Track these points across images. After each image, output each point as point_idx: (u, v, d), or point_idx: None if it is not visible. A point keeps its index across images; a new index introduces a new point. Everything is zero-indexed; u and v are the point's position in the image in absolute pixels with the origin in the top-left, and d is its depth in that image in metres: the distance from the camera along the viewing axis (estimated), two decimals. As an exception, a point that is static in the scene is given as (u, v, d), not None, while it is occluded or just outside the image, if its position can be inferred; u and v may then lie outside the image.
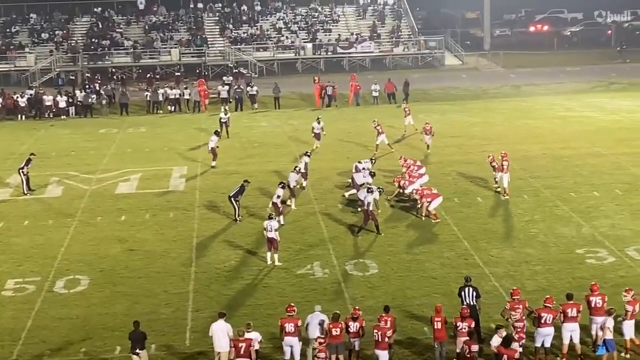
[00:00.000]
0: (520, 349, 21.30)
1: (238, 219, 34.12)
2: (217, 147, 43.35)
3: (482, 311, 23.83)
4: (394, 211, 34.94)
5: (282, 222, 32.61)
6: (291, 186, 35.69)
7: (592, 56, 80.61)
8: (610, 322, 21.87)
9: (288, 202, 35.36)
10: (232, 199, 34.21)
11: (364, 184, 35.21)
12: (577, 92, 62.79)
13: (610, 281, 26.65)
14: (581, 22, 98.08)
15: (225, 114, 50.50)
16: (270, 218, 29.61)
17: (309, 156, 39.14)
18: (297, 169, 36.83)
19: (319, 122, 45.81)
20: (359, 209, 34.30)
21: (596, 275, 26.90)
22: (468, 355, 20.80)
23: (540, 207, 34.97)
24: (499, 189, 36.61)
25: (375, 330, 21.61)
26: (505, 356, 20.41)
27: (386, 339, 21.57)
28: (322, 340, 21.56)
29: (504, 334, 20.87)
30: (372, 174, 36.30)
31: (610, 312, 22.14)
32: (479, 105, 58.87)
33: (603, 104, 57.41)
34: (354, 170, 36.97)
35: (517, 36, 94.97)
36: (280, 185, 33.99)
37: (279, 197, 33.38)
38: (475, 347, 20.99)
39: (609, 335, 21.81)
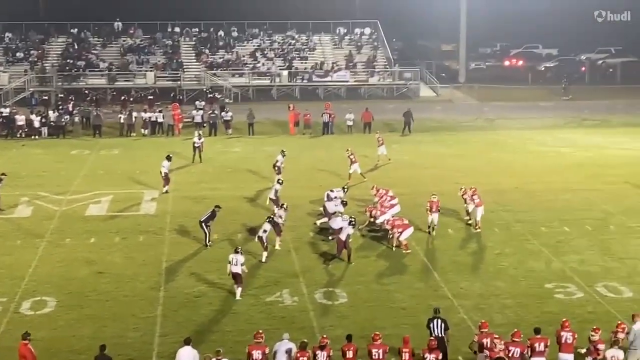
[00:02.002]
0: None
1: (208, 244, 33.97)
2: (170, 171, 43.16)
3: (450, 343, 23.80)
4: (364, 241, 34.93)
5: (263, 260, 32.29)
6: (280, 223, 34.26)
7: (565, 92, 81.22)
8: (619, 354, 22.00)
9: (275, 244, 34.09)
10: (203, 224, 34.06)
11: (335, 212, 35.19)
12: (551, 127, 63.18)
13: (578, 317, 26.71)
14: (556, 58, 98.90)
15: (199, 139, 50.40)
16: (236, 252, 29.06)
17: (280, 183, 38.99)
18: (285, 206, 35.59)
19: (283, 155, 44.76)
20: (330, 238, 34.27)
21: (564, 310, 26.97)
22: None
23: (511, 241, 35.07)
24: (470, 222, 36.69)
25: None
26: None
27: None
28: None
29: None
30: (344, 203, 36.30)
31: (617, 342, 22.22)
32: (452, 138, 59.09)
33: (576, 140, 57.80)
34: (325, 199, 36.91)
35: (492, 70, 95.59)
36: (267, 220, 33.03)
37: (265, 231, 32.35)
38: None
39: None
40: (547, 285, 29.97)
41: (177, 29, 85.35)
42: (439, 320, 23.54)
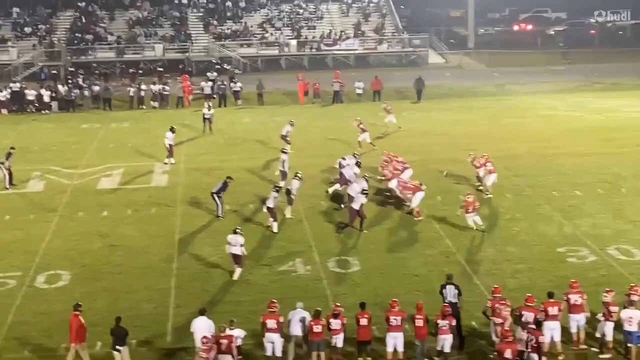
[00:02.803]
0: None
1: (221, 215, 34.04)
2: (175, 144, 43.43)
3: (464, 309, 23.88)
4: (376, 208, 34.94)
5: (275, 231, 32.35)
6: (291, 194, 34.20)
7: (575, 55, 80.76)
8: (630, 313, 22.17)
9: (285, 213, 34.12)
10: (215, 195, 34.11)
11: (352, 179, 35.11)
12: (561, 92, 62.94)
13: (591, 280, 26.74)
14: (565, 22, 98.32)
15: (209, 110, 50.39)
16: (235, 232, 28.27)
17: (285, 153, 38.81)
18: (300, 175, 34.95)
19: (291, 125, 44.76)
20: (343, 206, 34.33)
21: (577, 274, 26.95)
22: (535, 345, 21.03)
23: (522, 206, 35.06)
24: (481, 187, 36.68)
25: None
26: (508, 350, 20.59)
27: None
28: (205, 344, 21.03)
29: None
30: (358, 164, 36.60)
31: (632, 303, 22.43)
32: (462, 104, 58.90)
33: (586, 104, 57.58)
34: (339, 167, 36.95)
35: (501, 35, 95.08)
36: (274, 189, 32.91)
37: (274, 199, 32.25)
38: (542, 338, 21.26)
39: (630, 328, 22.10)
40: (559, 250, 30.00)
41: (184, 1, 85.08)
42: (452, 286, 23.60)
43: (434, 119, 53.45)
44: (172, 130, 43.44)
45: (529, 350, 21.06)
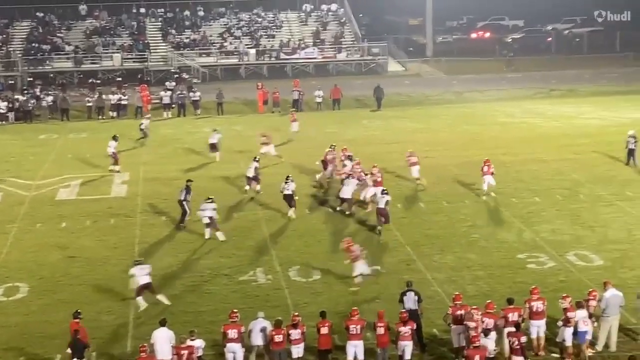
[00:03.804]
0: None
1: (186, 219, 34.03)
2: (118, 151, 43.83)
3: (425, 316, 23.94)
4: (336, 217, 34.97)
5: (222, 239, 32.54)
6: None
7: (532, 63, 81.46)
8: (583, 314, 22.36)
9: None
10: (183, 202, 33.98)
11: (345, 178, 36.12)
12: (518, 99, 63.45)
13: (550, 286, 26.92)
14: (522, 30, 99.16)
15: (147, 121, 50.62)
16: (137, 263, 27.39)
17: (257, 161, 38.97)
18: (290, 177, 35.81)
19: (217, 132, 46.02)
20: (338, 209, 35.27)
21: (537, 280, 27.11)
22: (517, 347, 21.20)
23: (482, 213, 35.26)
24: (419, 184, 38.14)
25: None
26: (477, 356, 20.66)
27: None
28: None
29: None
30: (350, 157, 38.52)
31: (581, 305, 22.54)
32: (421, 112, 59.20)
33: (544, 111, 58.06)
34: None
35: (459, 43, 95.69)
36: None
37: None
38: (524, 339, 21.40)
39: (584, 328, 22.22)
40: (519, 256, 30.19)
41: (142, 10, 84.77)
42: (412, 293, 23.65)
43: (393, 126, 53.60)
44: (114, 138, 43.70)
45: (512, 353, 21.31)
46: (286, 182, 35.18)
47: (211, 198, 32.42)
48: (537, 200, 36.77)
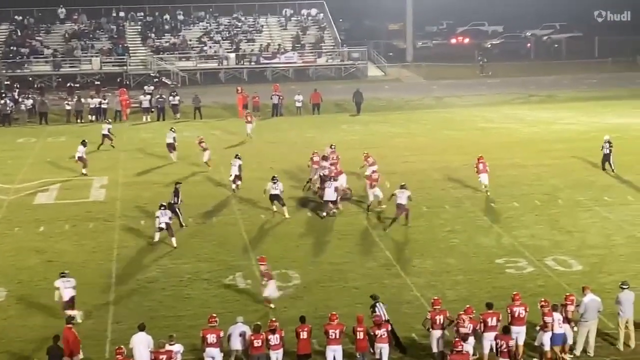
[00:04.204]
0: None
1: (184, 225, 34.27)
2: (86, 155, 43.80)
3: (403, 321, 23.98)
4: (317, 222, 34.97)
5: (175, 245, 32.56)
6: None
7: (511, 68, 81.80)
8: (558, 316, 22.42)
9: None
10: (175, 206, 34.07)
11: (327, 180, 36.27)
12: (497, 104, 63.68)
13: (529, 291, 26.96)
14: (502, 35, 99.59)
15: (109, 125, 50.58)
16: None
17: (239, 158, 39.12)
18: (277, 177, 36.09)
19: (173, 131, 46.67)
20: (325, 214, 35.38)
21: (516, 285, 27.20)
22: (505, 351, 21.36)
23: (461, 218, 35.32)
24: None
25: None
26: None
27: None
28: None
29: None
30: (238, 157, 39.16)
31: (555, 308, 22.63)
32: (401, 117, 59.31)
33: (523, 116, 58.30)
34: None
35: (439, 48, 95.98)
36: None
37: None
38: (512, 343, 21.59)
39: (559, 330, 22.30)
40: (497, 261, 30.25)
41: (121, 14, 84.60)
42: (381, 304, 23.63)
43: (373, 131, 53.68)
44: (83, 143, 43.80)
45: (499, 355, 21.43)
46: (274, 182, 35.36)
47: (164, 205, 32.44)
48: (516, 205, 36.88)
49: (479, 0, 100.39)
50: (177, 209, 34.08)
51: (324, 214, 35.58)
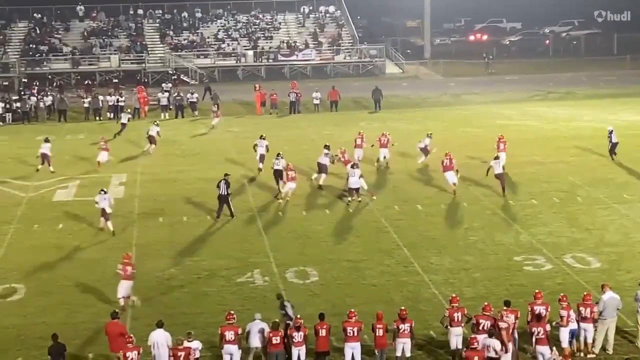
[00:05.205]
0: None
1: (234, 214, 35.13)
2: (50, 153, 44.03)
3: (422, 318, 23.94)
4: (334, 219, 35.00)
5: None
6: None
7: (530, 65, 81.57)
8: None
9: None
10: (227, 197, 34.70)
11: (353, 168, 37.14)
12: (516, 101, 63.50)
13: (547, 288, 26.88)
14: (520, 32, 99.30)
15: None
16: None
17: (264, 139, 42.41)
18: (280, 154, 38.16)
19: (156, 125, 47.89)
20: (350, 199, 36.44)
21: (534, 283, 27.17)
22: (542, 337, 21.79)
23: (479, 215, 35.26)
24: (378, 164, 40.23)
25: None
26: (475, 358, 20.69)
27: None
28: None
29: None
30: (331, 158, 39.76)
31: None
32: (419, 114, 59.24)
33: (541, 113, 58.12)
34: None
35: (457, 45, 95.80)
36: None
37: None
38: (548, 327, 21.94)
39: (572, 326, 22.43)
40: (516, 258, 30.19)
41: (140, 11, 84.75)
42: (289, 303, 24.01)
43: (391, 128, 53.37)
44: (46, 140, 44.53)
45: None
46: (277, 159, 37.48)
47: (104, 190, 34.13)
48: (535, 203, 36.78)
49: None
50: (229, 200, 34.66)
51: (350, 199, 36.42)
